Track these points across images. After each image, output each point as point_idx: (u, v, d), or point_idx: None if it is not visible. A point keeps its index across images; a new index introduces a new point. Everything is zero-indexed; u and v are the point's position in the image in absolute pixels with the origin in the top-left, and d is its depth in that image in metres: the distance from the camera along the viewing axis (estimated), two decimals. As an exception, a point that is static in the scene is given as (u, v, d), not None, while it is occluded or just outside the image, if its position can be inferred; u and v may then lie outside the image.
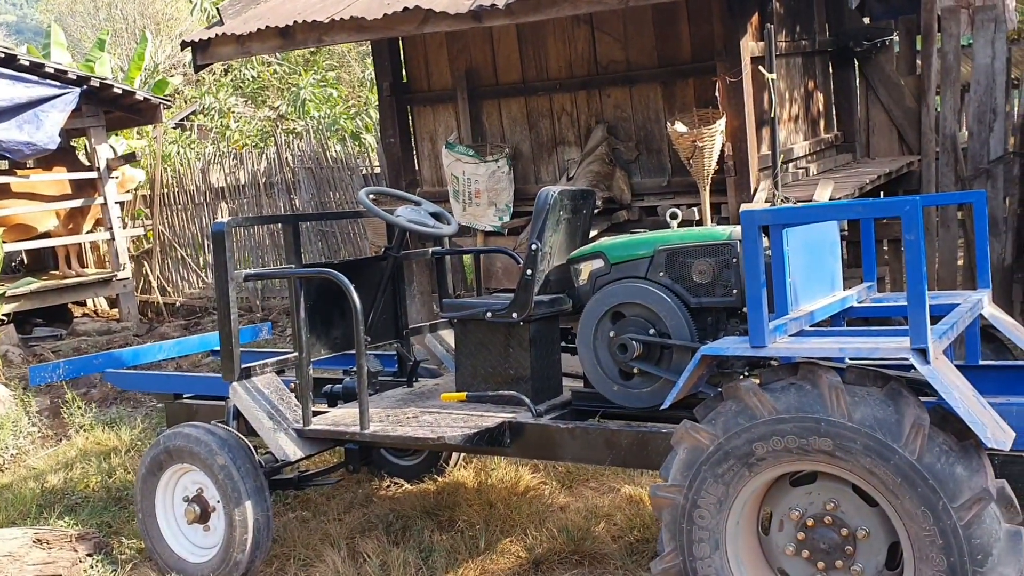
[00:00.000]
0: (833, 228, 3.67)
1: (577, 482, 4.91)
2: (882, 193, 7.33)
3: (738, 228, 3.55)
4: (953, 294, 3.77)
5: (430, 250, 4.90)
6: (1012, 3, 8.21)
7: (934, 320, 3.10)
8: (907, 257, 2.65)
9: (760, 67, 6.04)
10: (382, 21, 6.14)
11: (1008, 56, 6.91)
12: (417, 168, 7.77)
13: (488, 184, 6.93)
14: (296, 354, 4.08)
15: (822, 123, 7.55)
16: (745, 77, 6.04)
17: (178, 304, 11.44)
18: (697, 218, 6.19)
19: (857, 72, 7.67)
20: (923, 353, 2.68)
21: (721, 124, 6.01)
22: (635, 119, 6.73)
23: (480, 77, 7.25)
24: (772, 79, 6.00)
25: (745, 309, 3.03)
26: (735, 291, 3.56)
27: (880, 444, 2.66)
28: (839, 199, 5.88)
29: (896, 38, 7.60)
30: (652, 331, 3.67)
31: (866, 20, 7.93)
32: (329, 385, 4.62)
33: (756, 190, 6.11)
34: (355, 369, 4.13)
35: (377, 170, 10.43)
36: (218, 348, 4.28)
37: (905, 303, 2.94)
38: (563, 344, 4.28)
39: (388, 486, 5.07)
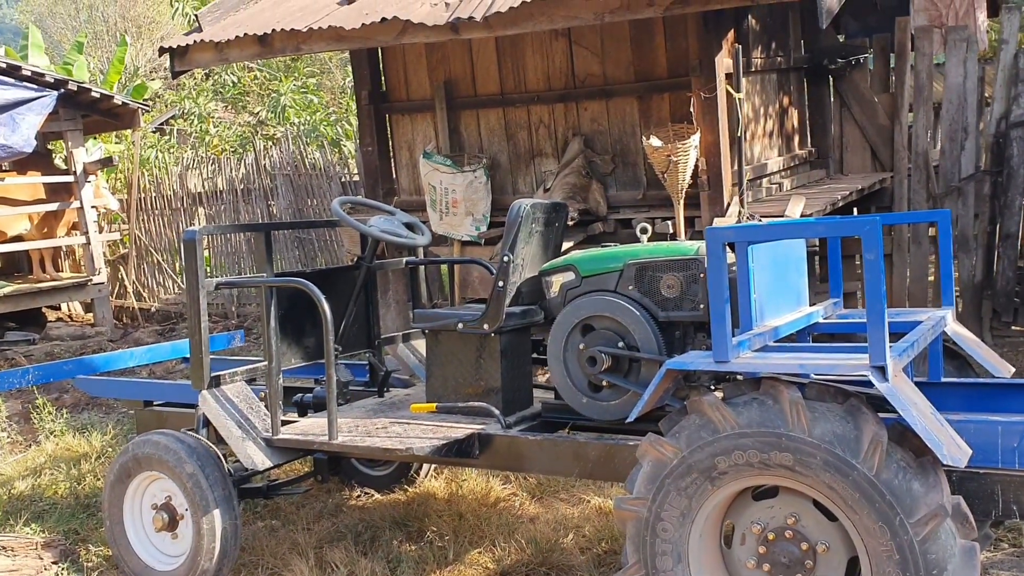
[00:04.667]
0: (800, 245, 3.72)
1: (547, 493, 4.92)
2: (856, 210, 7.41)
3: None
4: (917, 311, 3.82)
5: (404, 260, 4.91)
6: (984, 24, 8.34)
7: (897, 337, 3.15)
8: (866, 276, 2.69)
9: (728, 86, 6.10)
10: (360, 31, 6.16)
11: (981, 75, 7.02)
12: (395, 177, 7.78)
13: (465, 194, 6.95)
14: (266, 363, 4.09)
15: (796, 139, 7.63)
16: (720, 93, 6.10)
17: (153, 309, 11.38)
18: (671, 232, 6.23)
19: (831, 89, 7.76)
20: (882, 370, 2.72)
21: (695, 139, 6.06)
22: (611, 132, 6.78)
23: (459, 87, 7.27)
24: (740, 98, 6.06)
25: (712, 324, 3.05)
26: (702, 305, 3.60)
27: (839, 459, 2.70)
28: (810, 215, 5.94)
29: (870, 56, 7.70)
30: (621, 344, 3.70)
31: (841, 38, 8.03)
32: (300, 395, 4.62)
33: (729, 205, 6.17)
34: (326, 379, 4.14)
35: (356, 178, 10.43)
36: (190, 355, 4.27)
37: (867, 320, 2.97)
38: (534, 356, 4.30)
39: (358, 496, 5.07)
